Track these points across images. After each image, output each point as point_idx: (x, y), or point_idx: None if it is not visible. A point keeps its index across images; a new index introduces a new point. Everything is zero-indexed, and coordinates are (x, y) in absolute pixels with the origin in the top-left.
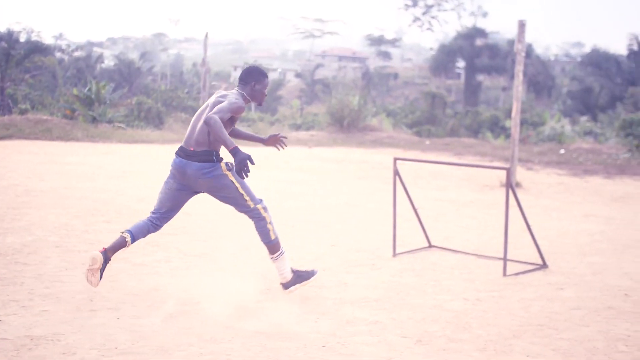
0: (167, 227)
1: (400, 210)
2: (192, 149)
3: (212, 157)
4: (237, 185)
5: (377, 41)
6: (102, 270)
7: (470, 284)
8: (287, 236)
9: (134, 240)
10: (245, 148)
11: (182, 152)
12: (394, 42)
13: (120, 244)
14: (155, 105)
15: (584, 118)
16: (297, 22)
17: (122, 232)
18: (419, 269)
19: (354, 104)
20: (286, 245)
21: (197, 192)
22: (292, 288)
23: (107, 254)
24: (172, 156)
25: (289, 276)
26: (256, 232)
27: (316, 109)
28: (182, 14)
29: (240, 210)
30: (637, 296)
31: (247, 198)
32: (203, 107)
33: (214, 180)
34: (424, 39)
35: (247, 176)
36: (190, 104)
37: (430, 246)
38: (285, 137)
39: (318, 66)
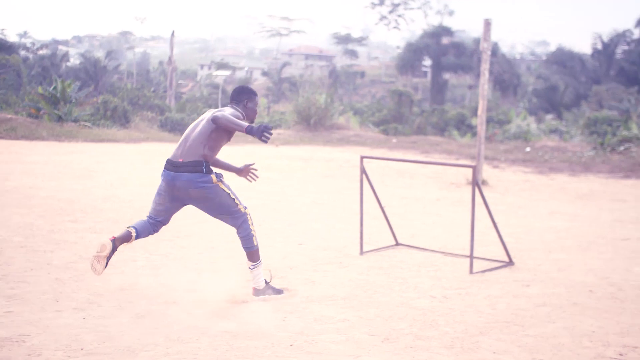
0: None
1: (367, 208)
2: (180, 160)
3: (201, 168)
4: (229, 192)
5: (344, 39)
6: (108, 258)
7: (437, 281)
8: None
9: (138, 237)
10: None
11: (170, 165)
12: (360, 41)
13: (126, 237)
14: (122, 104)
15: (549, 116)
16: (264, 21)
17: (127, 227)
18: (386, 267)
19: (321, 102)
20: None
21: (186, 204)
22: (262, 297)
23: (116, 243)
24: (138, 154)
25: (262, 285)
26: (239, 238)
27: (283, 108)
28: (148, 12)
29: (230, 218)
30: (601, 292)
31: (237, 202)
32: (197, 120)
33: (205, 190)
34: (390, 38)
35: (268, 138)
36: (157, 103)
37: (397, 244)
38: (256, 170)
39: (285, 64)
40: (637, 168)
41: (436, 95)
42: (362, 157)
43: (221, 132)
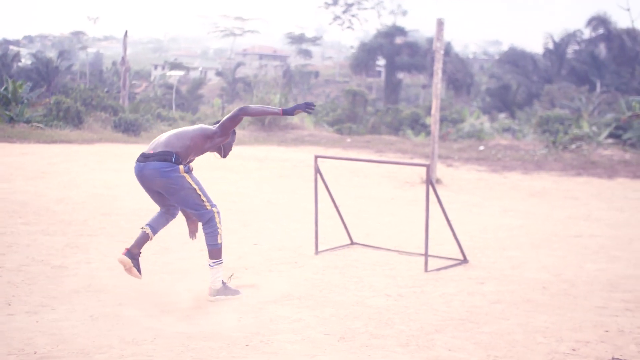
0: (86, 228)
1: (322, 207)
2: (151, 151)
3: (170, 158)
4: (195, 187)
5: (298, 39)
6: (136, 266)
7: (392, 280)
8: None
9: (155, 231)
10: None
11: (140, 157)
12: (314, 41)
13: (144, 238)
14: (75, 104)
15: (502, 115)
16: (218, 21)
17: (142, 227)
18: (341, 266)
19: (275, 102)
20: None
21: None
22: (218, 297)
23: (133, 252)
24: (92, 155)
25: (219, 285)
26: (204, 234)
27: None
28: (101, 12)
29: (196, 214)
30: (554, 289)
31: (203, 199)
32: (176, 129)
33: (171, 180)
34: (344, 37)
35: (313, 109)
36: (110, 103)
37: (352, 243)
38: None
39: (239, 64)
40: (588, 166)
41: (390, 94)
42: (316, 157)
43: (199, 142)
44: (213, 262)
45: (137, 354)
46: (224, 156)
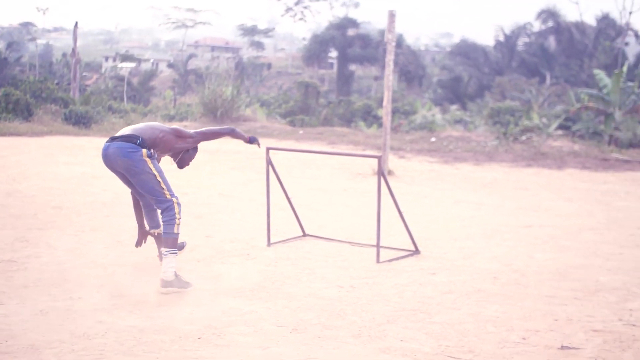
0: (36, 222)
1: (274, 199)
2: (118, 134)
3: (135, 140)
4: (156, 173)
5: (250, 31)
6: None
7: (345, 271)
8: None
9: (159, 225)
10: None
11: (109, 139)
12: (266, 32)
13: (159, 238)
14: (24, 96)
15: (453, 107)
16: (169, 12)
17: (149, 231)
18: (293, 258)
19: (228, 94)
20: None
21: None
22: (170, 289)
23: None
24: (42, 148)
25: (171, 277)
26: (162, 223)
27: (189, 100)
28: (51, 2)
29: (155, 200)
30: (505, 279)
31: (163, 187)
32: (156, 122)
33: (132, 162)
34: (296, 29)
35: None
36: (61, 96)
37: (305, 235)
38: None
39: (191, 56)
40: (538, 157)
41: (342, 86)
42: (268, 149)
43: (171, 138)
44: (167, 251)
45: (88, 349)
46: (180, 166)
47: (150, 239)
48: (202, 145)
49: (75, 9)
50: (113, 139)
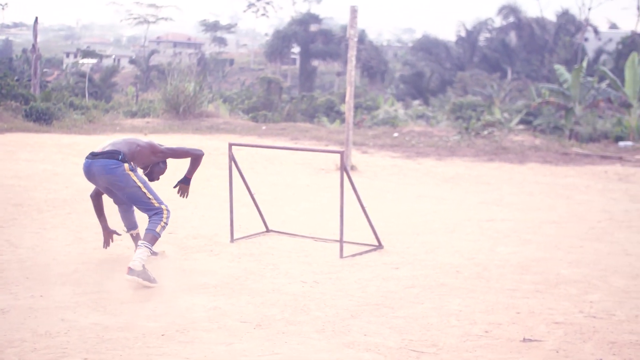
0: None
1: (237, 195)
2: (99, 150)
3: (117, 156)
4: (140, 185)
5: (212, 27)
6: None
7: (308, 266)
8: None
9: (135, 226)
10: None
11: (89, 155)
12: (229, 28)
13: (137, 239)
14: None
15: (416, 102)
16: (131, 8)
17: (126, 232)
18: (257, 254)
19: (190, 90)
20: (125, 235)
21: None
22: (135, 278)
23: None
24: (1, 146)
25: (139, 267)
26: (149, 220)
27: (151, 96)
28: None
29: (144, 210)
30: (467, 272)
31: (150, 196)
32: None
33: (116, 177)
34: (259, 25)
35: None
36: (21, 92)
37: (268, 231)
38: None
39: (153, 52)
40: (500, 151)
41: (305, 82)
42: (230, 145)
43: (146, 152)
44: (143, 243)
45: (50, 347)
46: (150, 179)
47: (126, 238)
48: (164, 141)
49: (35, 4)
50: (94, 155)
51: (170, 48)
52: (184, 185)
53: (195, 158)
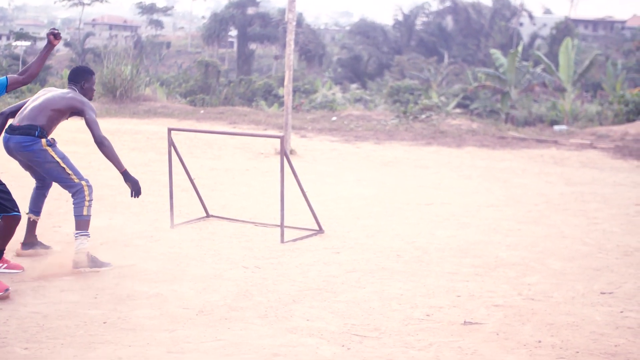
0: None
1: (177, 180)
2: (17, 124)
3: (34, 132)
4: (59, 160)
5: (149, 9)
6: (28, 246)
7: (249, 252)
8: (61, 211)
9: (39, 212)
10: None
11: (8, 129)
12: (165, 11)
13: (32, 225)
14: None
15: (354, 85)
16: None
17: (27, 214)
18: (197, 239)
19: (127, 73)
20: (63, 220)
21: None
22: (84, 269)
23: (27, 242)
24: None
25: (82, 258)
26: (72, 206)
27: None
28: None
29: (64, 186)
30: (408, 256)
31: (69, 172)
32: (36, 96)
33: (33, 154)
34: (196, 8)
35: (138, 197)
36: None
37: (208, 216)
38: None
39: (88, 35)
40: (437, 135)
41: (243, 65)
42: (169, 130)
43: (63, 112)
44: (78, 233)
45: None
46: (90, 99)
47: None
48: (101, 125)
49: None
50: (12, 129)
51: (106, 31)
52: (126, 183)
53: (99, 147)
